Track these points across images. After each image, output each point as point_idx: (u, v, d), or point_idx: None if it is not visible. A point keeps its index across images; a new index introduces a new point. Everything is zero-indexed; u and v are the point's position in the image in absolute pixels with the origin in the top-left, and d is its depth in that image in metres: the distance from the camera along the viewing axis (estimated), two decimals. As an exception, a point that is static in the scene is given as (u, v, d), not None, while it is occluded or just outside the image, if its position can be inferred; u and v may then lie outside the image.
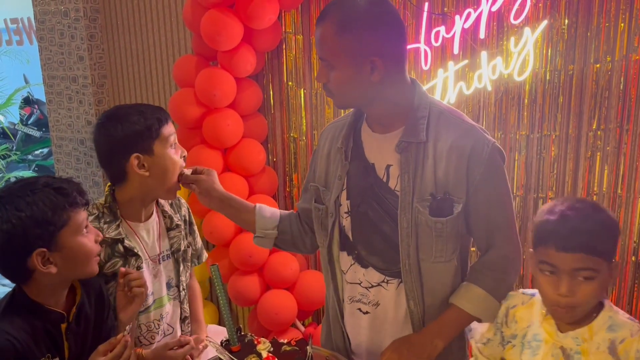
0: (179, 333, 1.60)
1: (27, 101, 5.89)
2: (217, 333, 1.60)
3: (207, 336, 1.56)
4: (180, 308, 1.60)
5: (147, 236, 1.51)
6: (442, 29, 2.22)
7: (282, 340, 1.22)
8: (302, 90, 2.60)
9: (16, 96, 6.02)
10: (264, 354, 1.16)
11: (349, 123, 1.37)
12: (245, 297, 2.58)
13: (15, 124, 6.00)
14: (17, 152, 5.75)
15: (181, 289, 1.59)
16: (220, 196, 1.50)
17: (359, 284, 1.36)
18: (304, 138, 2.65)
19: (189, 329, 1.62)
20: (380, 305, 1.35)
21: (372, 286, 1.34)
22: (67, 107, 3.03)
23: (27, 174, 5.35)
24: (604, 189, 2.16)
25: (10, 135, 5.82)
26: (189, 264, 1.64)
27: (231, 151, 2.55)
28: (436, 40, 2.24)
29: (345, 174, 1.34)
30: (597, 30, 2.06)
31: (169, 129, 1.45)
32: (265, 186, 2.63)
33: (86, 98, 2.96)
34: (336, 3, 1.23)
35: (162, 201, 1.58)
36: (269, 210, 1.53)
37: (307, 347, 1.18)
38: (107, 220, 1.45)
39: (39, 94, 5.73)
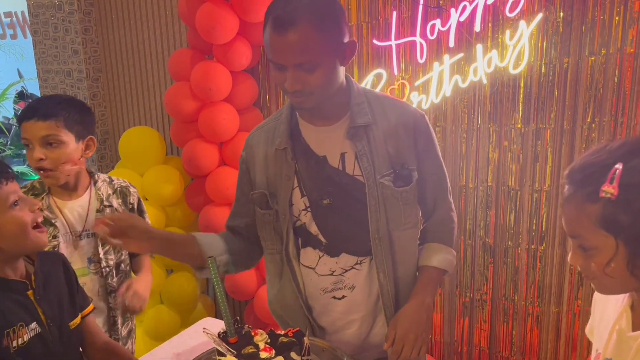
0: (100, 304, 1.71)
1: (22, 95, 5.86)
2: (215, 326, 1.61)
3: (204, 328, 1.58)
4: (105, 283, 1.71)
5: (69, 213, 1.65)
6: (437, 22, 2.22)
7: (279, 332, 1.22)
8: (297, 83, 2.60)
9: (10, 91, 6.00)
10: (261, 345, 1.16)
11: (286, 123, 1.36)
12: (242, 290, 2.59)
13: (9, 119, 5.97)
14: (12, 147, 5.73)
15: (103, 265, 1.69)
16: (162, 235, 1.33)
17: (331, 274, 1.38)
18: (300, 132, 2.65)
19: (114, 303, 1.72)
20: (356, 287, 1.38)
21: (347, 270, 1.37)
22: (62, 101, 3.02)
23: (22, 168, 5.33)
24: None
25: (5, 130, 5.80)
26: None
27: (227, 145, 2.55)
28: (432, 33, 2.24)
29: (294, 172, 1.34)
30: (592, 23, 2.07)
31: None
32: (262, 180, 2.63)
33: (81, 92, 2.95)
34: (295, 4, 1.16)
35: (100, 184, 1.70)
36: (209, 236, 1.43)
37: (304, 338, 1.19)
38: (35, 192, 1.64)
39: (34, 88, 5.70)
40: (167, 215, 2.74)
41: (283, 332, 1.21)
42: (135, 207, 1.78)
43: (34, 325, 1.28)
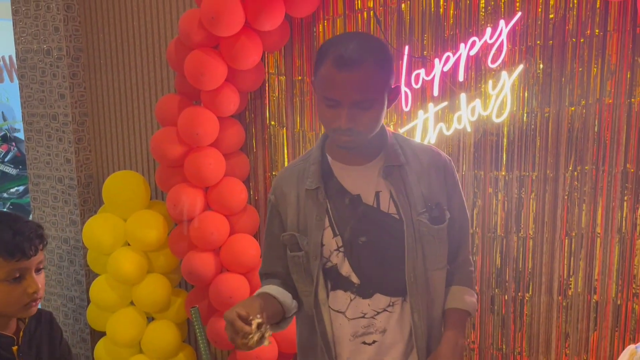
0: None
1: (5, 138, 5.81)
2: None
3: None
4: None
5: None
6: (422, 71, 2.27)
7: (263, 385, 1.18)
8: (284, 129, 2.62)
9: (-7, 133, 5.93)
10: (245, 399, 1.12)
11: (317, 164, 1.37)
12: (225, 339, 2.51)
13: (-9, 161, 5.89)
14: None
15: None
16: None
17: (363, 316, 1.36)
18: (286, 177, 2.65)
19: None
20: (387, 331, 1.37)
21: (379, 313, 1.36)
22: (46, 145, 2.99)
23: None
24: (582, 228, 2.19)
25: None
26: None
27: (213, 190, 2.53)
28: (416, 82, 2.29)
29: (325, 212, 1.34)
30: (571, 75, 2.13)
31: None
32: (247, 225, 2.61)
33: (66, 136, 2.94)
34: (359, 46, 1.22)
35: None
36: (280, 291, 1.41)
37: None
38: None
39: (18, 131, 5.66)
40: (149, 261, 2.68)
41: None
42: None
43: None
